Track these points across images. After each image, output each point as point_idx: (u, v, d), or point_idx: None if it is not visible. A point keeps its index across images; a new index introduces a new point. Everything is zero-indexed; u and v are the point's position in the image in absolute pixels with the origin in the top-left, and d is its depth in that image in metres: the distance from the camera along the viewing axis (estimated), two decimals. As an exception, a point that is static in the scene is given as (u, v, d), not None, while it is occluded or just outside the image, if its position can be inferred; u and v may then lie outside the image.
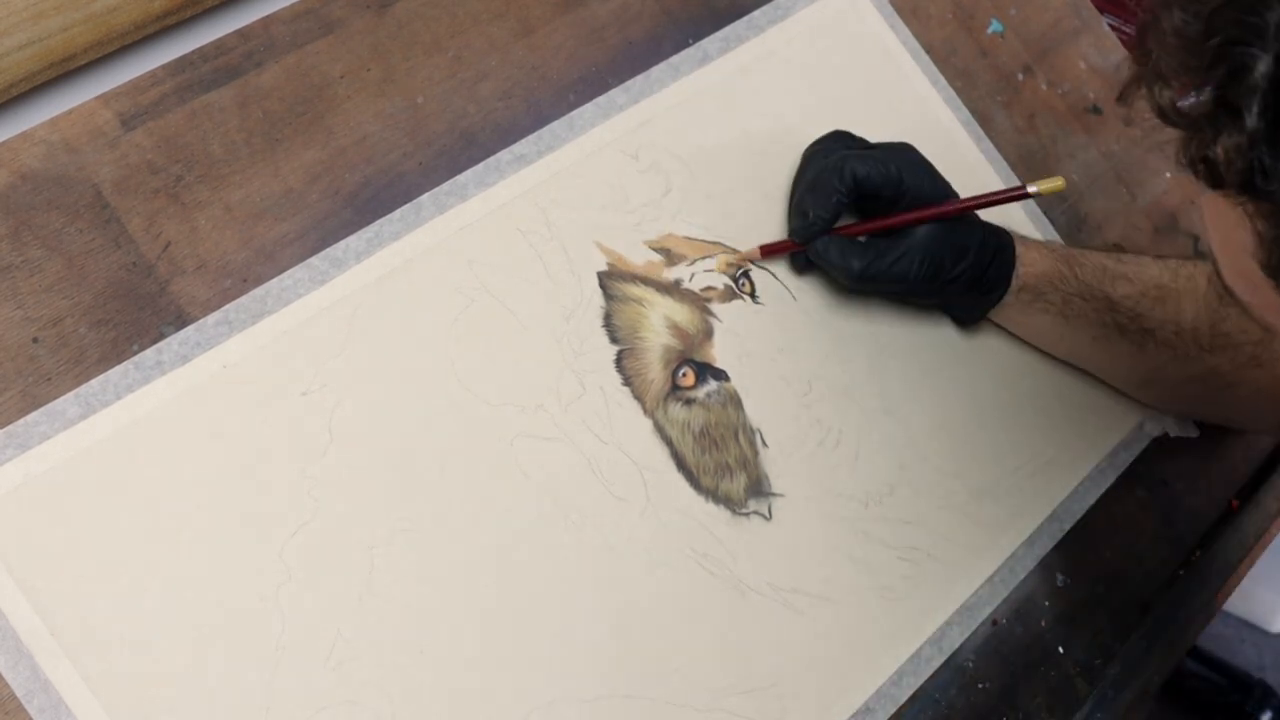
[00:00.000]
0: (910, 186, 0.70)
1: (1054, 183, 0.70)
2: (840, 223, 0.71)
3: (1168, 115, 0.42)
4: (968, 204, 0.71)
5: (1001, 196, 0.71)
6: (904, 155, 0.71)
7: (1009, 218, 0.80)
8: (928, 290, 0.72)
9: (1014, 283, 0.74)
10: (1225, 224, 0.42)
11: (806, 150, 0.74)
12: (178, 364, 0.59)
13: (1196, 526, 0.84)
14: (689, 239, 0.72)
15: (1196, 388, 0.77)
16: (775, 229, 0.74)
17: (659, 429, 0.67)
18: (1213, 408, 0.81)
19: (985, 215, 0.74)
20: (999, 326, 0.78)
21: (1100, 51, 0.94)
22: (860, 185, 0.69)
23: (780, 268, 0.74)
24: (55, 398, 0.57)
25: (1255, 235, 0.40)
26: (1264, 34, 0.37)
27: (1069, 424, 0.80)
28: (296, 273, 0.63)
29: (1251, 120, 0.38)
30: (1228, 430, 0.85)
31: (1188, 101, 0.40)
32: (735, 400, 0.70)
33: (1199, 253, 0.89)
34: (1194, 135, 0.41)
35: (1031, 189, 0.70)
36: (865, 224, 0.71)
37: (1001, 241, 0.73)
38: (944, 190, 0.72)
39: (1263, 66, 0.37)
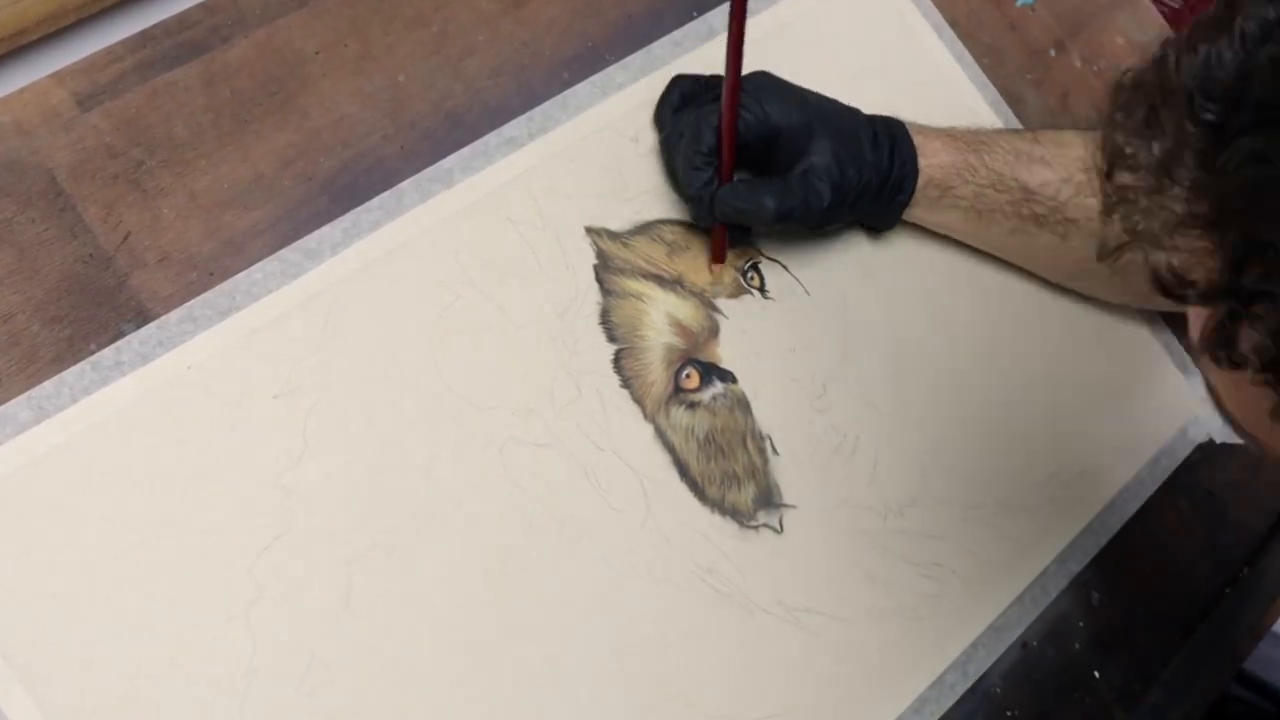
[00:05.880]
0: (776, 121, 0.68)
1: None
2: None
3: (1169, 287, 0.43)
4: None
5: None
6: (758, 89, 0.69)
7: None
8: (841, 214, 0.71)
9: (919, 178, 0.72)
10: (1239, 388, 0.43)
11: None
12: (138, 364, 0.59)
13: (1244, 540, 0.83)
14: (693, 229, 0.72)
15: (1136, 275, 0.76)
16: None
17: (660, 435, 0.67)
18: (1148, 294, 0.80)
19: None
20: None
21: (1139, 25, 0.93)
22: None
23: (791, 261, 0.74)
24: (5, 401, 0.56)
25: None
26: None
27: (1106, 429, 0.80)
28: (267, 266, 0.62)
29: None
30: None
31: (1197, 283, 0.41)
32: (743, 404, 0.69)
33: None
34: (1217, 326, 0.41)
35: None
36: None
37: (894, 132, 0.72)
38: (800, 101, 0.70)
39: None
